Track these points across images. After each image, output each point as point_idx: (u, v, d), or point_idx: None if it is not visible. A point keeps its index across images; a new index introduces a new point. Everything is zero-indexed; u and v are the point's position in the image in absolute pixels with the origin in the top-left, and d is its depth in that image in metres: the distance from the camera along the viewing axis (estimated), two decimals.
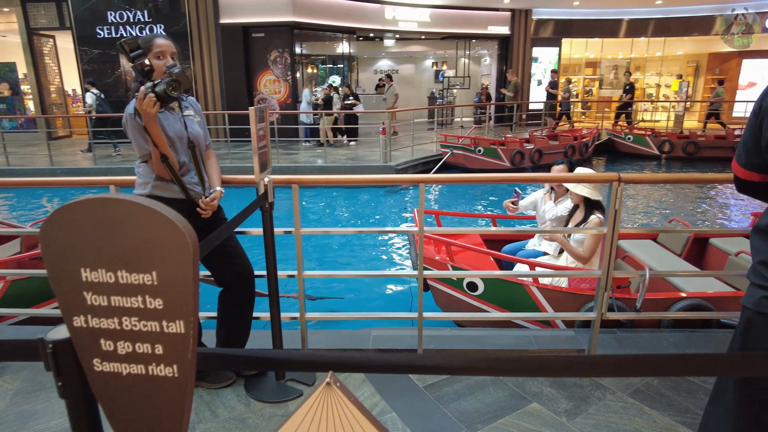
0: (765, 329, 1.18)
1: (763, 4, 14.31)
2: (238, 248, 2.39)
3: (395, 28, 14.38)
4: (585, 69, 19.07)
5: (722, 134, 12.13)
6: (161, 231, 0.58)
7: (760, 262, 1.20)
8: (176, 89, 1.97)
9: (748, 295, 1.25)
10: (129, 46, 2.03)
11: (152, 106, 1.94)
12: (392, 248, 5.93)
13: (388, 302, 4.53)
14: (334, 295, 4.41)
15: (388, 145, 9.47)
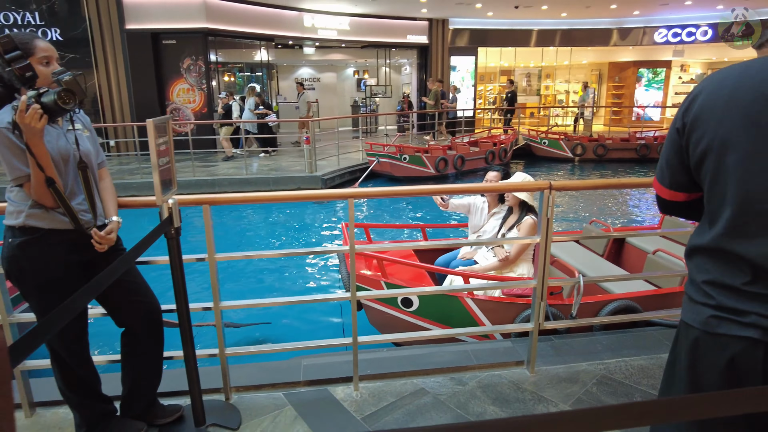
0: (714, 349, 1.12)
1: (651, 19, 15.69)
2: (140, 282, 2.07)
3: (315, 36, 14.16)
4: (500, 77, 19.89)
5: (626, 137, 13.04)
6: None
7: (707, 282, 1.13)
8: (70, 100, 1.64)
9: (690, 312, 1.16)
10: (3, 46, 1.67)
11: (38, 120, 1.60)
12: (321, 264, 5.68)
13: (319, 326, 4.29)
14: (259, 321, 4.10)
15: (313, 155, 9.21)
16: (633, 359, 2.76)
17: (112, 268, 1.48)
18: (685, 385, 1.18)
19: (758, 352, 1.04)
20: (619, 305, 3.17)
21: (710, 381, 1.13)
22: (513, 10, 14.18)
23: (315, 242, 6.73)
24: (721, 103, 1.08)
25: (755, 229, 1.04)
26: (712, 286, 1.12)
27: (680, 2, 13.48)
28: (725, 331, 1.08)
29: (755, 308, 1.04)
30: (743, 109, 1.05)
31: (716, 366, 1.11)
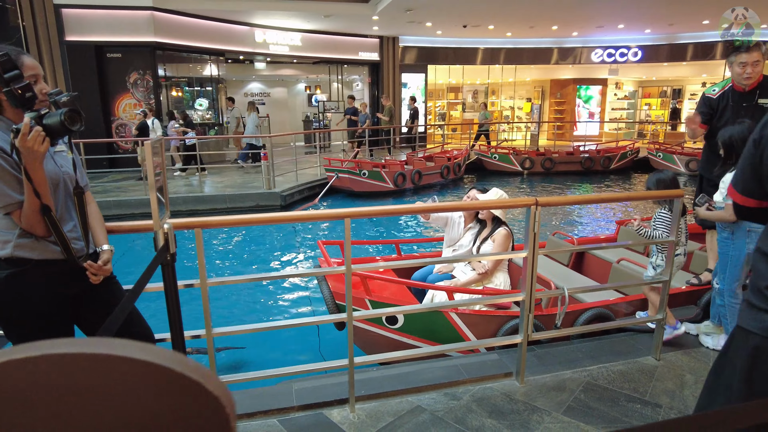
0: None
1: (588, 40, 16.70)
2: (134, 312, 1.97)
3: (266, 51, 14.03)
4: (448, 94, 20.44)
5: (571, 151, 13.72)
6: (181, 404, 0.33)
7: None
8: (77, 121, 1.56)
9: (751, 318, 1.17)
10: (2, 65, 1.55)
11: (41, 143, 1.50)
12: (288, 285, 5.57)
13: (293, 348, 4.20)
14: (233, 345, 3.98)
15: (271, 171, 9.06)
16: (612, 365, 2.89)
17: (123, 305, 1.40)
18: (740, 393, 1.17)
19: None
20: (594, 313, 3.31)
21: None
22: (461, 29, 14.67)
23: (283, 263, 6.61)
24: None
25: None
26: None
27: (614, 25, 14.44)
28: None
29: None
30: None
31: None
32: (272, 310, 4.97)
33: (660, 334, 2.89)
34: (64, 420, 0.32)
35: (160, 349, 0.34)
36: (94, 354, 0.32)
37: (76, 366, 0.31)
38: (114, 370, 0.32)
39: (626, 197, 3.01)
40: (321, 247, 3.73)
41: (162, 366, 0.32)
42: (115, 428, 0.33)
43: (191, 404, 0.33)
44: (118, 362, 0.32)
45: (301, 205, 9.46)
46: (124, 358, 0.32)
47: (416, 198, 10.65)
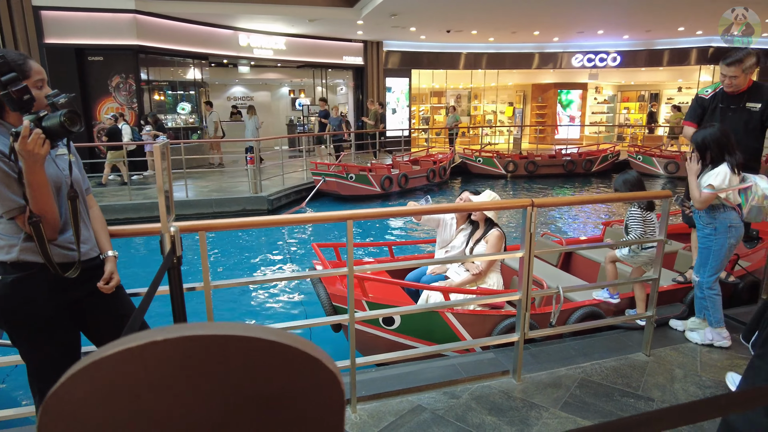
0: None
1: (569, 45, 17.03)
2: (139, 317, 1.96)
3: (250, 55, 13.98)
4: (431, 98, 20.61)
5: (553, 154, 13.95)
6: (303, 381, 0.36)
7: None
8: (76, 123, 1.55)
9: None
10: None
11: (41, 146, 1.50)
12: (283, 288, 5.57)
13: None
14: None
15: (257, 175, 9.03)
16: (605, 361, 2.96)
17: (138, 311, 1.41)
18: None
19: None
20: (586, 311, 3.40)
21: None
22: (445, 34, 14.83)
23: (273, 266, 6.60)
24: None
25: None
26: None
27: (593, 31, 14.76)
28: None
29: None
30: None
31: None
32: (263, 314, 4.96)
33: (650, 331, 2.98)
34: (202, 397, 0.35)
35: (281, 330, 0.37)
36: (225, 335, 0.35)
37: (210, 347, 0.34)
38: (241, 348, 0.35)
39: (617, 198, 3.11)
40: (316, 249, 3.75)
41: (285, 344, 0.36)
42: (247, 403, 0.36)
43: (312, 379, 0.37)
44: (244, 342, 0.35)
45: (288, 209, 9.44)
46: (251, 338, 0.35)
47: (404, 200, 10.72)
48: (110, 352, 0.33)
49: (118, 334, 1.92)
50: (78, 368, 0.33)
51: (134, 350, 0.33)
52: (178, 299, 1.96)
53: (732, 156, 2.88)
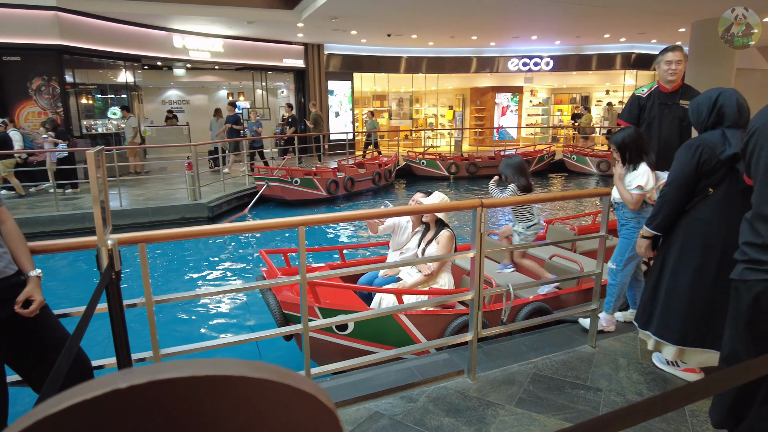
0: (747, 292, 1.64)
1: (505, 50, 17.63)
2: (67, 338, 1.81)
3: (186, 57, 13.46)
4: (374, 101, 20.69)
5: (493, 156, 14.38)
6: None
7: (744, 243, 1.70)
8: None
9: (750, 273, 1.66)
10: None
11: None
12: (231, 298, 5.36)
13: None
14: None
15: (196, 182, 8.67)
16: (554, 355, 3.06)
17: (74, 336, 1.28)
18: (745, 331, 1.72)
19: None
20: (534, 307, 3.50)
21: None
22: (385, 37, 14.93)
23: (215, 276, 6.34)
24: None
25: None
26: (747, 246, 1.69)
27: (528, 36, 15.37)
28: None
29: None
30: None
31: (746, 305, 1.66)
32: (210, 328, 4.76)
33: (595, 324, 3.11)
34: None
35: (270, 366, 0.33)
36: (203, 377, 0.30)
37: (186, 391, 0.29)
38: (224, 391, 0.30)
39: (561, 197, 3.22)
40: (264, 256, 3.64)
41: (276, 382, 0.31)
42: None
43: (308, 423, 0.32)
44: (227, 383, 0.30)
45: (229, 216, 9.14)
46: (234, 377, 0.31)
47: (350, 204, 10.67)
48: (60, 407, 0.27)
49: (46, 363, 1.75)
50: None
51: (92, 402, 0.28)
52: (118, 318, 1.81)
53: (648, 155, 3.07)
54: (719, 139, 2.35)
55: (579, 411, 2.47)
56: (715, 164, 2.34)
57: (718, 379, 1.03)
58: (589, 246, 4.54)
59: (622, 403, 2.53)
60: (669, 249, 2.59)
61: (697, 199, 2.45)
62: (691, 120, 2.56)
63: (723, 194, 2.38)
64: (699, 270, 2.45)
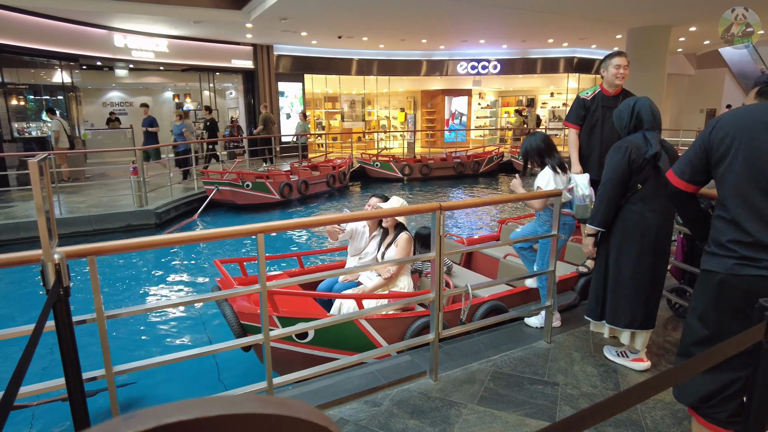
0: (737, 286, 1.77)
1: (454, 53, 17.97)
2: None
3: (128, 57, 12.87)
4: (325, 103, 20.57)
5: (444, 157, 14.63)
6: None
7: (730, 241, 1.80)
8: None
9: (716, 263, 1.82)
10: None
11: None
12: (186, 309, 5.17)
13: (189, 377, 3.91)
14: (121, 383, 3.58)
15: (142, 187, 8.32)
16: (512, 352, 3.14)
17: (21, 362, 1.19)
18: (709, 316, 1.86)
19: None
20: (490, 306, 3.58)
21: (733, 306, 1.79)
22: (336, 39, 14.88)
23: (164, 287, 6.10)
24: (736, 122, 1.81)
25: None
26: (735, 243, 1.78)
27: (476, 40, 15.73)
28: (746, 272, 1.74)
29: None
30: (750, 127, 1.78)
31: (737, 298, 1.76)
32: (164, 342, 4.57)
33: (549, 320, 3.22)
34: None
35: (280, 399, 0.32)
36: (213, 417, 0.29)
37: (225, 429, 0.28)
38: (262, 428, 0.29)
39: (515, 198, 3.32)
40: (219, 266, 3.54)
41: (296, 418, 0.30)
42: None
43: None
44: (239, 421, 0.29)
45: (178, 222, 8.83)
46: (245, 416, 0.30)
47: (305, 208, 10.55)
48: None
49: None
50: None
51: None
52: (67, 337, 1.71)
53: (551, 158, 3.37)
54: (642, 141, 2.66)
55: (538, 406, 2.55)
56: (642, 162, 2.64)
57: (678, 370, 1.09)
58: None
59: (578, 395, 2.64)
60: (609, 243, 2.80)
61: (629, 194, 2.71)
62: (616, 126, 2.86)
63: (649, 188, 2.68)
64: (638, 257, 2.70)
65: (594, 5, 10.58)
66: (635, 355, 2.92)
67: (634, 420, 2.41)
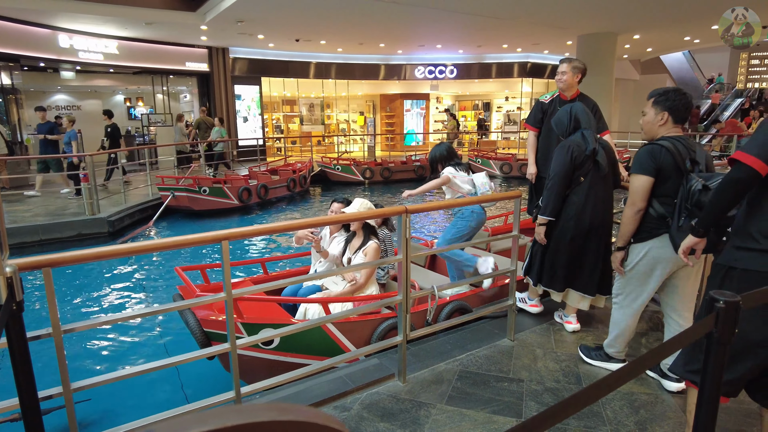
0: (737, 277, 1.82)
1: (412, 58, 18.16)
2: None
3: (74, 58, 12.31)
4: (283, 106, 20.34)
5: (404, 161, 14.75)
6: None
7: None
8: None
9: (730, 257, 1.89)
10: None
11: None
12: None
13: (149, 391, 3.78)
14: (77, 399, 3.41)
15: (93, 194, 7.97)
16: (477, 351, 3.21)
17: None
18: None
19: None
20: (455, 306, 3.64)
21: None
22: (294, 42, 14.76)
23: (119, 298, 5.87)
24: None
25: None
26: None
27: (433, 45, 15.97)
28: None
29: None
30: None
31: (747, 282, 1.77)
32: (124, 355, 4.39)
33: (512, 318, 3.31)
34: None
35: (309, 409, 0.32)
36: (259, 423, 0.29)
37: None
38: None
39: (477, 200, 3.40)
40: (180, 273, 3.45)
41: (314, 423, 0.31)
42: None
43: None
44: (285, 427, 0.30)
45: (133, 230, 8.51)
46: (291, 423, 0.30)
47: (264, 213, 10.39)
48: None
49: None
50: None
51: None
52: (21, 354, 1.63)
53: (452, 162, 3.95)
54: (581, 139, 3.11)
55: (505, 403, 2.61)
56: (583, 158, 3.07)
57: (641, 362, 1.15)
58: (503, 245, 4.81)
59: (542, 391, 2.72)
60: (554, 226, 3.26)
61: (572, 186, 3.14)
62: (557, 131, 3.32)
63: (590, 181, 3.12)
64: (573, 238, 3.17)
65: (544, 12, 10.96)
66: (567, 317, 3.46)
67: (596, 411, 2.51)
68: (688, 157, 2.43)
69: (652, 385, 2.76)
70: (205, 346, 3.04)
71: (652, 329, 3.50)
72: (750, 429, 2.38)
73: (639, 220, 2.54)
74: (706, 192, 2.23)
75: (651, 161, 2.44)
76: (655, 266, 2.57)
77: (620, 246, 2.67)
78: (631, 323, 2.80)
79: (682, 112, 2.50)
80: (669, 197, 2.46)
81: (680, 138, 2.49)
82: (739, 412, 2.51)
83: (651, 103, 2.57)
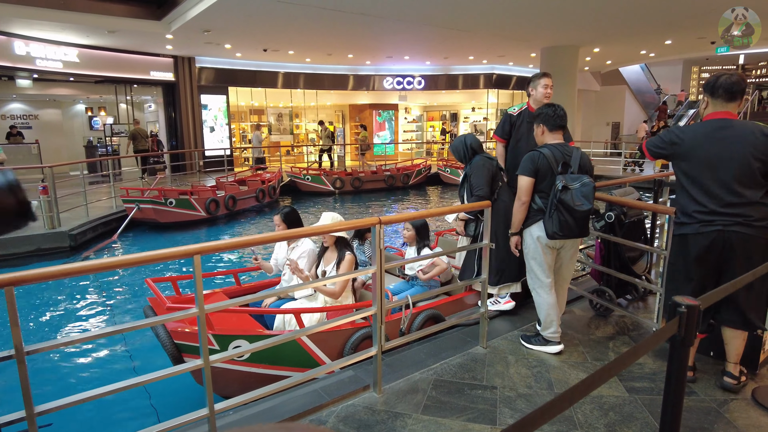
0: (704, 240, 2.59)
1: (380, 68, 18.31)
2: None
3: (31, 66, 11.87)
4: (251, 116, 20.12)
5: (375, 170, 14.80)
6: None
7: (695, 211, 2.62)
8: None
9: (679, 227, 2.72)
10: None
11: None
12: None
13: (114, 411, 3.65)
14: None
15: (54, 208, 7.69)
16: (450, 359, 3.24)
17: None
18: (685, 261, 2.69)
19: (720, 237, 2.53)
20: (428, 315, 3.67)
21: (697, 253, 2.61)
22: (262, 52, 14.66)
23: (85, 315, 5.65)
24: None
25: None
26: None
27: (401, 56, 16.15)
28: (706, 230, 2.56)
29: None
30: None
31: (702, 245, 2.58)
32: (90, 375, 4.23)
33: (484, 326, 3.36)
34: None
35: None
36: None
37: None
38: None
39: (449, 210, 3.46)
40: (151, 285, 3.37)
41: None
42: None
43: None
44: None
45: (96, 244, 8.23)
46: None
47: (232, 225, 10.22)
48: None
49: None
50: None
51: None
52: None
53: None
54: (488, 160, 3.76)
55: (479, 410, 2.64)
56: (494, 172, 3.76)
57: (610, 367, 1.19)
58: None
59: (515, 397, 2.76)
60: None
61: (497, 190, 3.77)
62: (456, 157, 3.93)
63: (504, 188, 3.81)
64: (504, 235, 3.54)
65: (508, 25, 11.25)
66: (504, 299, 3.90)
67: (567, 416, 2.57)
68: (561, 161, 3.02)
69: (620, 388, 2.85)
70: (175, 358, 2.97)
71: (618, 333, 3.61)
72: (711, 426, 2.48)
73: (525, 211, 3.15)
74: (566, 191, 2.87)
75: (531, 164, 3.07)
76: (544, 245, 3.12)
77: (513, 232, 3.26)
78: (552, 300, 3.18)
79: (552, 119, 3.15)
80: (545, 193, 3.06)
81: (558, 145, 3.11)
82: (700, 410, 2.62)
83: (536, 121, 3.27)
